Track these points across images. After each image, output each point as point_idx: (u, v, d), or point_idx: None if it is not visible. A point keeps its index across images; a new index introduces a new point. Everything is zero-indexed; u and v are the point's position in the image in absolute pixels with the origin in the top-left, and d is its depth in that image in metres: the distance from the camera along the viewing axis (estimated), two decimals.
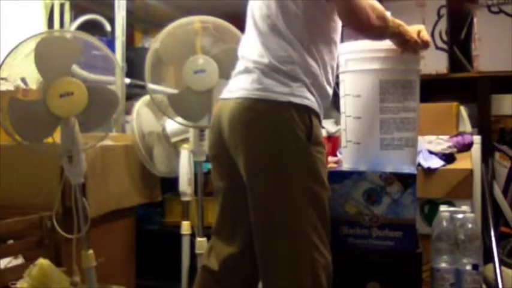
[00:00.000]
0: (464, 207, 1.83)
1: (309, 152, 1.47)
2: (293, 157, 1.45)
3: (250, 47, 1.54)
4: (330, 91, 1.58)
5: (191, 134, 2.18)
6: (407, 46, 1.66)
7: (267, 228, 1.48)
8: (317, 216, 1.47)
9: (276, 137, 1.45)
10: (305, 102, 1.47)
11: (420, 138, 1.99)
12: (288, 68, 1.47)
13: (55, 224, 1.87)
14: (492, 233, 2.44)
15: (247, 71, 1.52)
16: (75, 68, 1.89)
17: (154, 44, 2.09)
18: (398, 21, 1.62)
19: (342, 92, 1.80)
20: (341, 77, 1.80)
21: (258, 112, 1.46)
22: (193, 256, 2.26)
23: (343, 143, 1.81)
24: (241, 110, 1.48)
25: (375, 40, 1.68)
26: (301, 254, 1.45)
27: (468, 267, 1.73)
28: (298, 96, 1.46)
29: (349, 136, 1.77)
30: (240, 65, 1.57)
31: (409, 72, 1.74)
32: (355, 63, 1.76)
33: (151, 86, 2.12)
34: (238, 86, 1.52)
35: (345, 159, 1.82)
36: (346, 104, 1.78)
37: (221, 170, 1.61)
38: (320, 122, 1.54)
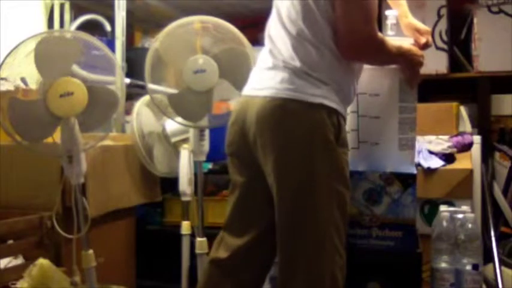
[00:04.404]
0: (464, 207, 1.83)
1: (338, 154, 1.48)
2: (323, 158, 1.45)
3: (280, 45, 1.51)
4: (353, 97, 1.59)
5: (191, 134, 2.18)
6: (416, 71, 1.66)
7: (293, 227, 1.47)
8: (340, 217, 1.48)
9: (307, 137, 1.45)
10: (334, 105, 1.47)
11: (420, 138, 1.99)
12: (317, 73, 1.46)
13: (55, 224, 1.87)
14: (492, 233, 2.44)
15: (276, 68, 1.50)
16: (75, 68, 1.88)
17: (154, 44, 2.08)
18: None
19: None
20: None
21: (289, 112, 1.45)
22: (193, 256, 2.25)
23: (351, 144, 1.75)
24: (273, 108, 1.46)
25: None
26: (324, 255, 1.45)
27: (468, 267, 1.73)
28: (329, 98, 1.46)
29: (362, 137, 1.73)
30: (267, 60, 1.54)
31: None
32: None
33: (151, 86, 2.11)
34: (266, 84, 1.50)
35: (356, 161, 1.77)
36: (360, 103, 1.73)
37: (241, 166, 1.60)
38: (345, 124, 1.54)
